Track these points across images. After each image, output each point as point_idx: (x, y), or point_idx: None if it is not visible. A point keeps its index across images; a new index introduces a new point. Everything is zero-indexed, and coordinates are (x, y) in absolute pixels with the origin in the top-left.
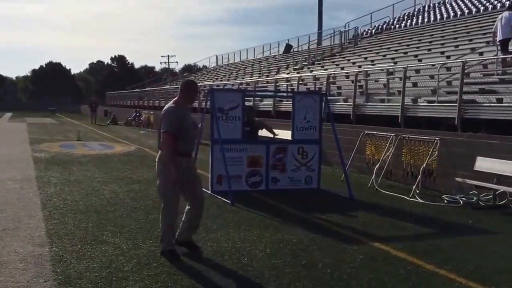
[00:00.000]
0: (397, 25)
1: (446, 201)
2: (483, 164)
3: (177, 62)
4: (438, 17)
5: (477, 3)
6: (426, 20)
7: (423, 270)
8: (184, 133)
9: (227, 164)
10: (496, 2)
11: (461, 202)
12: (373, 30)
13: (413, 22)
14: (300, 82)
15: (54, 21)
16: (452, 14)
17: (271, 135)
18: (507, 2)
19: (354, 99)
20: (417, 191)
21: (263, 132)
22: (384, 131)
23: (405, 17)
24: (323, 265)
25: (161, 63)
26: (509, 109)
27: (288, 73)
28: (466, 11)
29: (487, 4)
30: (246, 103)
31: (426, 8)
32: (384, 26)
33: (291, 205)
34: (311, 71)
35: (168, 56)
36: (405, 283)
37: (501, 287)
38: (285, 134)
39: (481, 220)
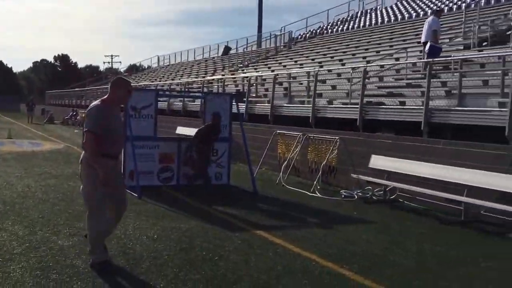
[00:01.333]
0: (330, 30)
1: (343, 196)
2: (377, 161)
3: (120, 62)
4: (367, 23)
5: (404, 11)
6: (356, 26)
7: (289, 253)
8: (110, 134)
9: (138, 160)
10: (420, 10)
11: (356, 196)
12: (308, 34)
13: (345, 28)
14: (233, 83)
15: None
16: (380, 20)
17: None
18: (429, 11)
19: (272, 100)
20: (318, 187)
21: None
22: (294, 131)
23: (338, 23)
24: (200, 249)
25: (104, 62)
26: (407, 111)
27: (223, 75)
28: (393, 18)
29: (412, 12)
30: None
31: (359, 14)
32: (318, 30)
33: (196, 199)
34: (244, 73)
35: (112, 56)
36: (267, 263)
37: (351, 265)
38: (193, 132)
39: (367, 212)
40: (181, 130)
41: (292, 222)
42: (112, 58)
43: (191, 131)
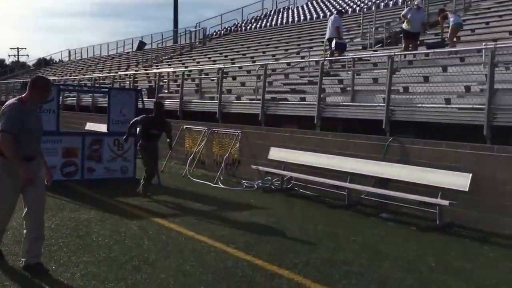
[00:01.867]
0: (244, 28)
1: (244, 186)
2: (275, 153)
3: (27, 55)
4: (279, 22)
5: (313, 11)
6: (269, 24)
7: (183, 236)
8: (26, 135)
9: None
10: (327, 11)
11: (256, 186)
12: (222, 31)
13: (258, 26)
14: (146, 79)
15: None
16: (291, 19)
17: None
18: (335, 11)
19: (181, 96)
20: (222, 178)
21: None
22: (200, 126)
23: (252, 20)
24: (96, 235)
25: (9, 55)
26: (303, 106)
27: (137, 71)
28: (302, 17)
29: (320, 12)
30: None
31: (272, 13)
32: (233, 28)
33: (99, 192)
34: (158, 69)
35: (18, 48)
36: (159, 245)
37: (237, 244)
38: (102, 128)
39: (263, 200)
40: (91, 126)
41: (191, 210)
42: (18, 51)
43: (100, 127)
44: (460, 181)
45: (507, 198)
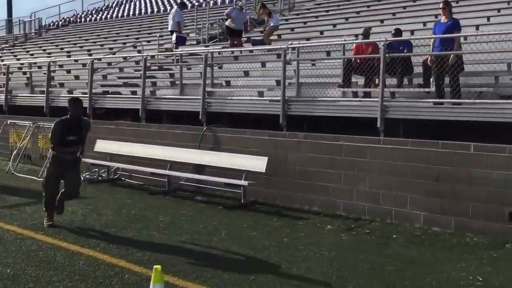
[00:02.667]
0: (84, 19)
1: None
2: (101, 145)
3: None
4: (120, 14)
5: (155, 5)
6: (109, 16)
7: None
8: None
9: None
10: (168, 5)
11: (82, 178)
12: (61, 22)
13: (98, 17)
14: None
15: None
16: (132, 12)
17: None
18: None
19: (6, 91)
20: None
21: None
22: (25, 120)
23: (93, 12)
24: None
25: None
26: (130, 100)
27: None
28: (143, 10)
29: (161, 6)
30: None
31: (114, 5)
32: (72, 19)
33: None
34: None
35: None
36: None
37: (46, 231)
38: None
39: (86, 190)
40: None
41: (5, 204)
42: None
43: None
44: (259, 164)
45: (296, 177)
